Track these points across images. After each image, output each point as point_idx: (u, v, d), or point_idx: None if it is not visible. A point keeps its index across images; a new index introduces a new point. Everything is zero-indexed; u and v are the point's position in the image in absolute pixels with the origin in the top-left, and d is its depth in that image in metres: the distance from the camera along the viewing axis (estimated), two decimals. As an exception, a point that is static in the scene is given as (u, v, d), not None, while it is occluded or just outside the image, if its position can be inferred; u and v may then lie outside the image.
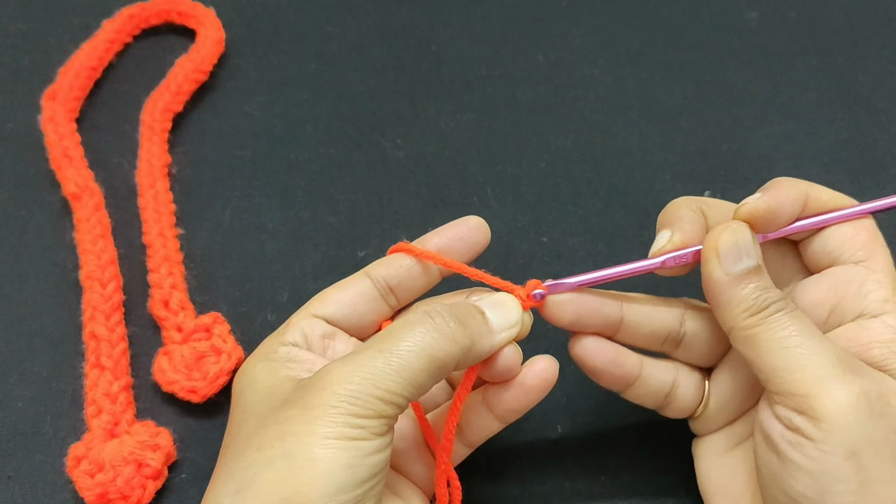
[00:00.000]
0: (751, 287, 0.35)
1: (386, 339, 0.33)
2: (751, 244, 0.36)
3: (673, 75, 0.58)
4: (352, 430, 0.32)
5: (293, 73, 0.58)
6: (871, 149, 0.55)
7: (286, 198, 0.53)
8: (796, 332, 0.34)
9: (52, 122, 0.53)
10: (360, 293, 0.39)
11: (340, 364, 0.33)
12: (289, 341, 0.37)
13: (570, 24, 0.61)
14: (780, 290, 0.36)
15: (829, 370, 0.33)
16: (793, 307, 0.35)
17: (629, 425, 0.45)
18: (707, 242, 0.36)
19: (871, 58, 0.59)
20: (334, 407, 0.32)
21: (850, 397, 0.32)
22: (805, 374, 0.33)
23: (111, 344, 0.45)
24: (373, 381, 0.32)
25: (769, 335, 0.34)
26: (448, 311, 0.35)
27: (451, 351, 0.34)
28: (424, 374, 0.33)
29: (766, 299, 0.35)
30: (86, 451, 0.42)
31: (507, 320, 0.36)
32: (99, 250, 0.48)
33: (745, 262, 0.35)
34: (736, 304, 0.35)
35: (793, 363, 0.33)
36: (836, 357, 0.33)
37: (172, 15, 0.59)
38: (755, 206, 0.36)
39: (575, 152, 0.55)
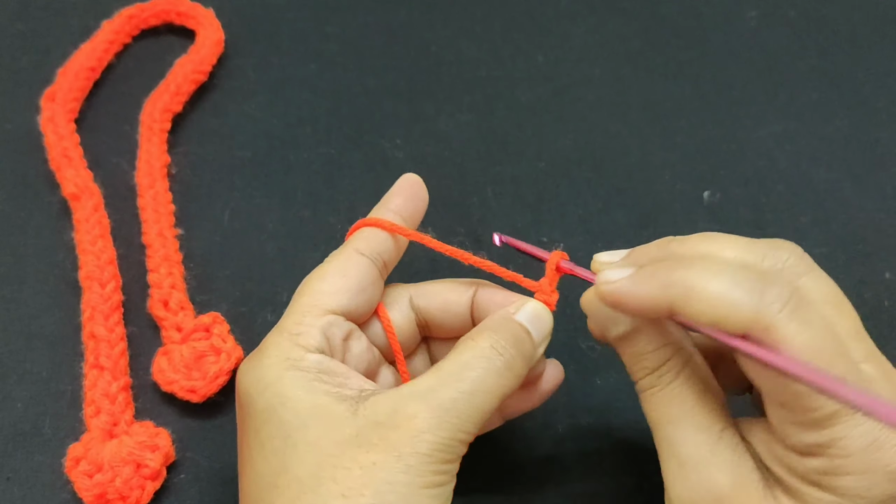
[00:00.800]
0: (626, 355, 0.35)
1: (462, 378, 0.33)
2: (611, 314, 0.34)
3: (672, 75, 0.58)
4: (439, 477, 0.32)
5: (293, 73, 0.58)
6: (871, 148, 0.55)
7: (286, 198, 0.52)
8: (655, 419, 0.34)
9: (51, 123, 0.53)
10: (365, 276, 0.37)
11: (424, 407, 0.32)
12: (313, 346, 0.35)
13: (569, 24, 0.61)
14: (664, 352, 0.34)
15: (674, 469, 0.33)
16: (667, 382, 0.34)
17: (630, 424, 0.44)
18: (581, 301, 0.36)
19: (870, 57, 0.59)
20: (428, 456, 0.31)
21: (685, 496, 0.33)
22: (662, 467, 0.34)
23: (110, 344, 0.45)
24: (459, 426, 0.32)
25: (644, 409, 0.35)
26: (512, 345, 0.35)
27: (514, 385, 0.35)
28: (494, 409, 0.34)
29: (636, 372, 0.34)
30: (84, 452, 0.42)
31: (543, 332, 0.37)
32: (98, 250, 0.48)
33: (611, 330, 0.35)
34: (627, 366, 0.35)
35: (658, 451, 0.34)
36: (687, 456, 0.33)
37: (172, 15, 0.59)
38: (602, 292, 0.33)
39: (574, 152, 0.55)
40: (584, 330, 0.47)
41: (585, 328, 0.47)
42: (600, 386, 0.46)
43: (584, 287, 0.37)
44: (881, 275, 0.50)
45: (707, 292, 0.30)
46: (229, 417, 0.45)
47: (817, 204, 0.52)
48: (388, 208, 0.39)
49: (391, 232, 0.38)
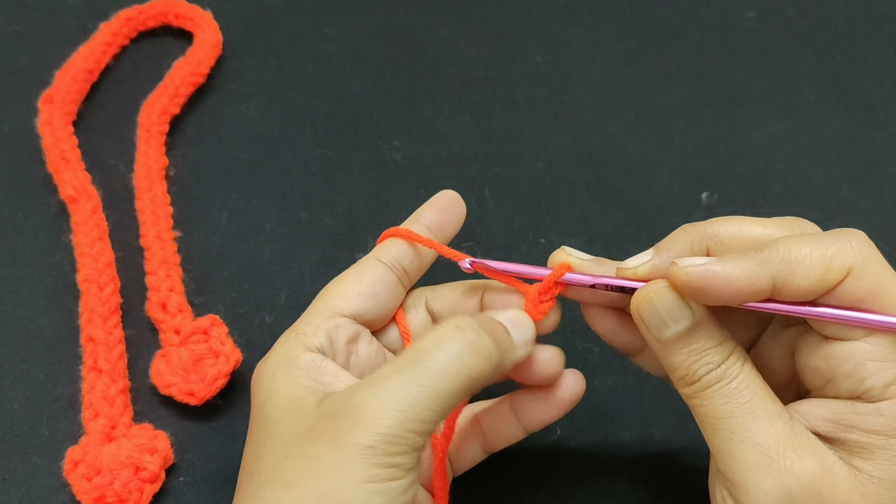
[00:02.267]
0: (682, 354, 0.33)
1: (417, 362, 0.31)
2: (676, 308, 0.33)
3: (670, 75, 0.58)
4: (386, 471, 0.30)
5: (290, 75, 0.58)
6: (868, 148, 0.55)
7: (284, 200, 0.52)
8: (727, 413, 0.32)
9: (48, 125, 0.53)
10: (379, 280, 0.37)
11: (371, 394, 0.31)
12: (314, 346, 0.35)
13: (567, 24, 0.61)
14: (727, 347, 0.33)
15: (755, 461, 0.32)
16: (733, 375, 0.33)
17: (628, 427, 0.44)
18: (631, 305, 0.34)
19: (868, 57, 0.59)
20: (369, 447, 0.30)
21: (767, 496, 0.31)
22: (731, 461, 0.32)
23: (108, 347, 0.45)
24: (408, 414, 0.30)
25: (703, 410, 0.33)
26: (479, 324, 0.33)
27: (484, 369, 0.32)
28: (458, 396, 0.32)
29: (698, 369, 0.33)
30: (83, 455, 0.42)
31: (524, 335, 0.36)
32: (96, 253, 0.48)
33: (671, 327, 0.33)
34: (672, 371, 0.34)
35: (722, 447, 0.32)
36: (768, 446, 0.32)
37: (169, 17, 0.59)
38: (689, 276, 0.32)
39: (573, 153, 0.55)
40: (582, 332, 0.47)
41: (583, 330, 0.47)
42: (598, 388, 0.46)
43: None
44: (879, 275, 0.50)
45: (804, 252, 0.31)
46: (228, 420, 0.45)
47: (815, 204, 0.52)
48: (417, 220, 0.39)
49: (409, 240, 0.39)
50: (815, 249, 0.31)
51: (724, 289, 0.31)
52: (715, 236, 0.34)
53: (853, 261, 0.31)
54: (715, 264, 0.31)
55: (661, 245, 0.35)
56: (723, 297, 0.32)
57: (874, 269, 0.31)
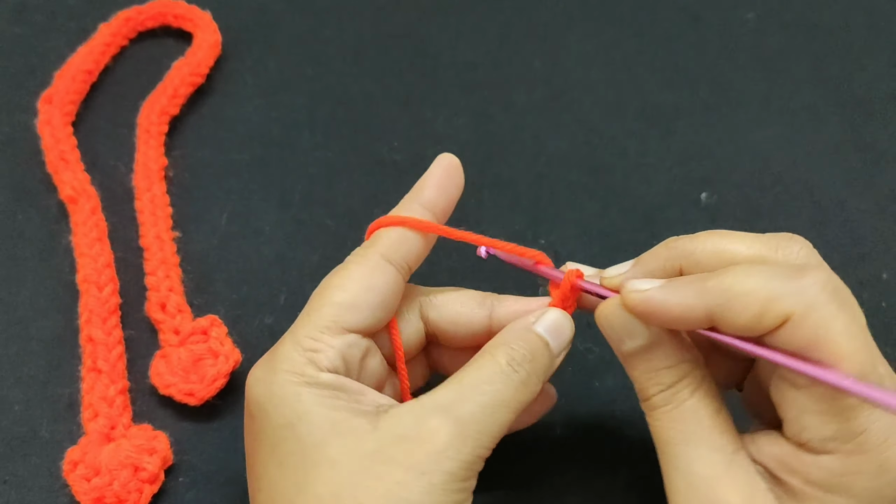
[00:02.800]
0: (638, 370, 0.34)
1: (484, 393, 0.33)
2: (630, 325, 0.33)
3: (669, 78, 0.58)
4: (460, 496, 0.32)
5: (290, 76, 0.58)
6: (866, 150, 0.55)
7: (283, 201, 0.52)
8: (669, 437, 0.33)
9: (48, 126, 0.53)
10: (390, 289, 0.36)
11: (448, 421, 0.32)
12: (327, 367, 0.34)
13: (566, 27, 0.61)
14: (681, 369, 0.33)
15: (684, 490, 0.32)
16: (682, 399, 0.33)
17: (627, 427, 0.45)
18: (595, 315, 0.35)
19: (866, 60, 0.59)
20: (451, 474, 0.31)
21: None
22: (667, 483, 0.33)
23: (108, 347, 0.45)
24: (480, 443, 0.32)
25: (652, 429, 0.34)
26: (528, 361, 0.34)
27: (529, 400, 0.34)
28: (510, 424, 0.33)
29: (650, 388, 0.33)
30: (82, 455, 0.42)
31: (563, 342, 0.36)
32: (95, 253, 0.48)
33: (627, 343, 0.34)
34: (634, 382, 0.34)
35: (662, 467, 0.33)
36: (700, 476, 0.32)
37: (169, 18, 0.59)
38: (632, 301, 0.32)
39: (572, 155, 0.55)
40: (581, 331, 0.47)
41: (582, 330, 0.47)
42: (598, 388, 0.46)
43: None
44: (878, 276, 0.50)
45: (746, 288, 0.30)
46: (227, 421, 0.45)
47: (813, 206, 0.52)
48: (418, 202, 0.37)
49: (417, 230, 0.36)
50: (761, 288, 0.30)
51: (664, 315, 0.32)
52: (692, 255, 0.34)
53: (794, 307, 0.29)
54: (657, 291, 0.32)
55: (640, 259, 0.35)
56: (664, 323, 0.32)
57: (816, 319, 0.29)
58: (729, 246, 0.33)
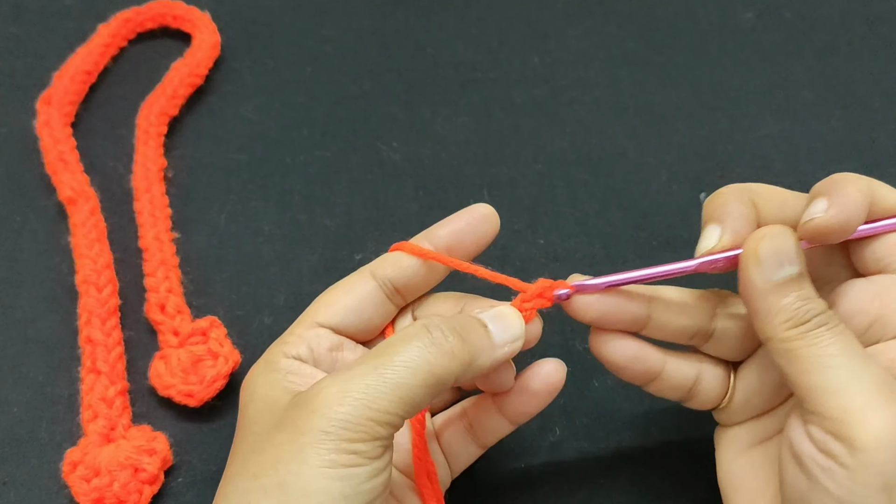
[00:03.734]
0: (792, 297, 0.33)
1: (381, 355, 0.32)
2: (794, 251, 0.33)
3: (668, 76, 0.58)
4: (345, 457, 0.30)
5: (289, 76, 0.58)
6: (867, 148, 0.55)
7: (282, 201, 0.52)
8: (838, 352, 0.32)
9: (47, 127, 0.53)
10: (367, 297, 0.38)
11: (331, 382, 0.31)
12: (292, 354, 0.36)
13: (565, 25, 0.61)
14: (823, 300, 0.34)
15: (871, 397, 0.31)
16: (836, 322, 0.33)
17: (627, 428, 0.44)
18: (747, 246, 0.34)
19: (866, 57, 0.59)
20: (325, 433, 0.30)
21: (889, 428, 0.30)
22: (844, 399, 0.31)
23: (107, 348, 0.45)
24: (366, 402, 0.31)
25: (809, 352, 0.32)
26: (448, 324, 0.33)
27: (449, 367, 0.32)
28: (421, 390, 0.32)
29: (807, 311, 0.33)
30: (82, 456, 0.42)
31: (510, 334, 0.35)
32: (95, 254, 0.48)
33: (786, 269, 0.33)
34: (775, 315, 0.33)
35: (832, 385, 0.32)
36: (880, 382, 0.31)
37: (168, 19, 0.59)
38: (825, 222, 0.34)
39: (571, 154, 0.55)
40: (580, 332, 0.47)
41: (581, 330, 0.47)
42: (597, 388, 0.46)
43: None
44: (878, 275, 0.50)
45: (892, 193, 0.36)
46: (227, 421, 0.45)
47: (813, 205, 0.52)
48: (426, 236, 0.39)
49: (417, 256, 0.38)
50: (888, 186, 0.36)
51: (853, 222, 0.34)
52: (757, 195, 0.36)
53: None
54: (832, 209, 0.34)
55: (717, 216, 0.35)
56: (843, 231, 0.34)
57: None
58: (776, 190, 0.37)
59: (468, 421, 0.39)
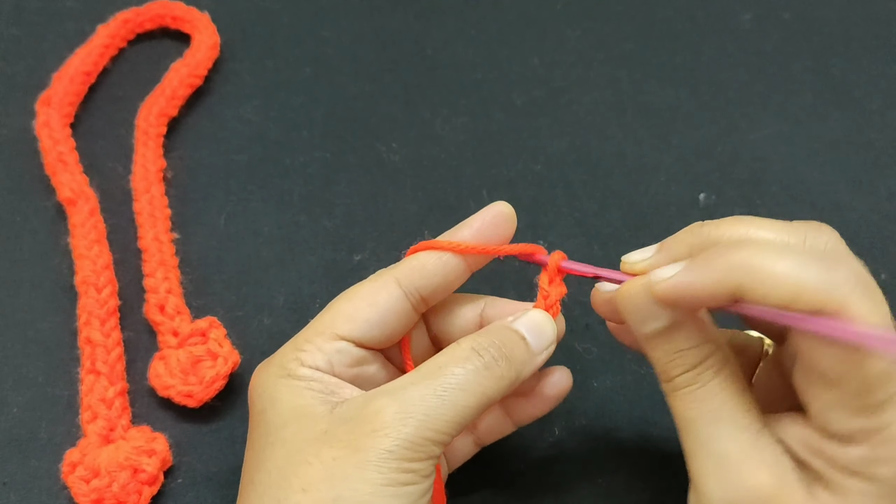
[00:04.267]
0: (660, 351, 0.33)
1: (435, 376, 0.32)
2: (653, 307, 0.32)
3: (667, 77, 0.58)
4: (404, 476, 0.31)
5: (288, 77, 0.58)
6: (865, 149, 0.55)
7: (282, 202, 0.52)
8: (694, 417, 0.32)
9: (46, 128, 0.53)
10: (392, 308, 0.36)
11: (391, 402, 0.32)
12: (309, 364, 0.35)
13: (564, 26, 0.61)
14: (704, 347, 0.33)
15: (712, 468, 0.32)
16: (706, 380, 0.32)
17: (627, 427, 0.45)
18: (616, 296, 0.34)
19: (864, 59, 0.59)
20: (389, 452, 0.31)
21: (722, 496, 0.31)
22: (692, 463, 0.32)
23: (106, 349, 0.45)
24: (427, 424, 0.31)
25: (675, 410, 0.33)
26: (496, 346, 0.34)
27: (499, 388, 0.33)
28: (473, 411, 0.33)
29: (672, 369, 0.33)
30: (81, 457, 0.42)
31: (545, 341, 0.36)
32: (94, 255, 0.48)
33: (650, 324, 0.33)
34: (653, 365, 0.34)
35: (687, 448, 0.33)
36: (726, 455, 0.32)
37: (167, 20, 0.59)
38: (659, 290, 0.32)
39: (570, 155, 0.55)
40: (580, 332, 0.47)
41: (581, 330, 0.47)
42: (596, 388, 0.46)
43: (585, 285, 0.37)
44: (877, 276, 0.49)
45: (776, 272, 0.29)
46: (226, 422, 0.45)
47: (812, 206, 0.52)
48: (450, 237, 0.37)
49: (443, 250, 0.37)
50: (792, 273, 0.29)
51: (693, 298, 0.31)
52: (718, 241, 0.33)
53: (827, 302, 0.28)
54: (683, 274, 0.31)
55: (664, 244, 0.35)
56: (693, 305, 0.32)
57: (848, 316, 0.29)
58: (755, 233, 0.33)
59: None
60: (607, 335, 0.46)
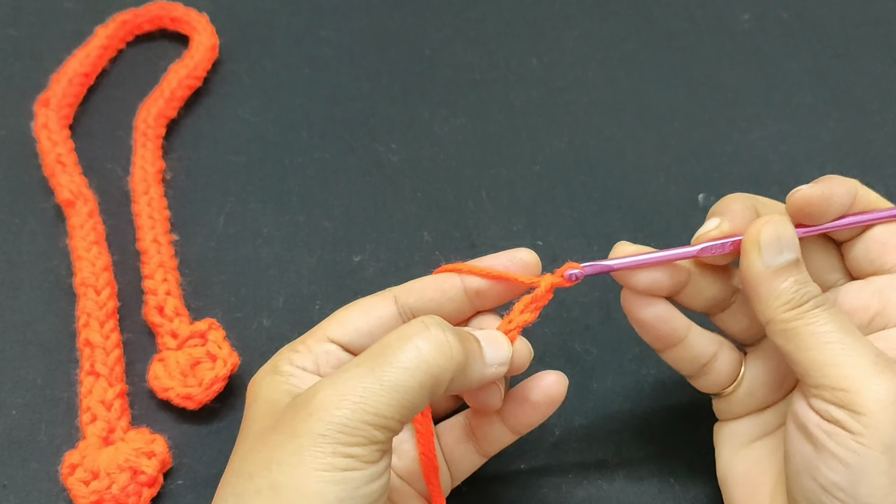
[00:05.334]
0: (790, 280, 0.35)
1: (377, 355, 0.32)
2: (792, 238, 0.35)
3: (666, 77, 0.58)
4: (342, 461, 0.30)
5: (287, 78, 0.58)
6: (864, 149, 0.55)
7: (281, 203, 0.52)
8: (835, 329, 0.34)
9: (45, 129, 0.53)
10: (383, 322, 0.36)
11: (328, 385, 0.31)
12: (298, 363, 0.36)
13: (563, 26, 0.61)
14: (817, 284, 0.36)
15: (869, 366, 0.33)
16: (831, 304, 0.35)
17: (627, 429, 0.45)
18: (748, 233, 0.36)
19: (863, 59, 0.59)
20: (322, 436, 0.30)
21: (890, 393, 0.32)
22: (845, 370, 0.33)
23: (106, 351, 0.45)
24: (363, 406, 0.30)
25: (808, 329, 0.34)
26: (445, 323, 0.33)
27: (446, 366, 0.32)
28: (419, 392, 0.31)
29: (805, 294, 0.35)
30: (81, 459, 0.42)
31: (499, 356, 0.35)
32: (93, 257, 0.48)
33: (785, 255, 0.35)
34: (775, 298, 0.35)
35: (833, 358, 0.33)
36: (876, 354, 0.33)
37: (166, 21, 0.59)
38: (809, 192, 0.36)
39: (569, 155, 0.55)
40: (580, 333, 0.47)
41: (580, 331, 0.47)
42: (595, 389, 0.46)
43: (585, 285, 0.37)
44: (875, 276, 0.50)
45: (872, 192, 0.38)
46: (226, 423, 0.45)
47: (811, 205, 0.52)
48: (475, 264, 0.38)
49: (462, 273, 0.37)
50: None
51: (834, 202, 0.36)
52: (758, 200, 0.38)
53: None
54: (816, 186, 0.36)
55: (720, 212, 0.38)
56: (826, 215, 0.37)
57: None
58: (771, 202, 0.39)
59: (470, 429, 0.39)
60: (607, 336, 0.47)
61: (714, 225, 0.37)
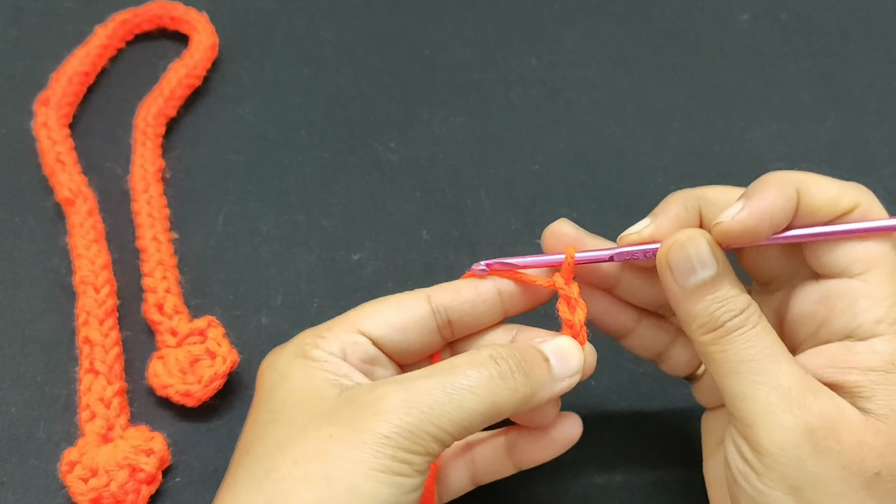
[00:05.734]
0: (706, 301, 0.33)
1: (448, 373, 0.32)
2: (706, 254, 0.33)
3: (665, 77, 0.58)
4: (397, 465, 0.31)
5: (286, 77, 0.58)
6: (862, 149, 0.55)
7: (280, 201, 0.52)
8: (752, 355, 0.32)
9: (44, 128, 0.53)
10: (416, 320, 0.36)
11: (398, 390, 0.32)
12: (327, 350, 0.35)
13: (562, 26, 0.61)
14: (746, 296, 0.34)
15: (778, 400, 0.32)
16: (754, 322, 0.33)
17: (624, 426, 0.45)
18: (659, 252, 0.34)
19: (861, 59, 0.59)
20: (387, 437, 0.30)
21: (790, 433, 0.31)
22: (751, 403, 0.32)
23: (105, 348, 0.45)
24: (430, 416, 0.31)
25: (722, 356, 0.33)
26: (514, 358, 0.33)
27: (510, 400, 0.33)
28: (480, 417, 0.32)
29: (724, 313, 0.33)
30: (79, 456, 0.42)
31: (569, 368, 0.35)
32: (92, 255, 0.48)
33: (700, 274, 0.33)
34: (692, 319, 0.34)
35: (742, 389, 0.32)
36: (788, 387, 0.32)
37: (165, 20, 0.59)
38: (729, 227, 0.33)
39: (568, 154, 0.55)
40: (579, 331, 0.47)
41: (580, 330, 0.47)
42: (594, 387, 0.46)
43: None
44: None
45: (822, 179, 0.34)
46: (225, 421, 0.45)
47: (810, 205, 0.53)
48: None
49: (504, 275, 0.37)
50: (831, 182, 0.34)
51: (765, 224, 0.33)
52: (703, 198, 0.36)
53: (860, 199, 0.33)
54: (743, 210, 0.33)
55: (655, 211, 0.36)
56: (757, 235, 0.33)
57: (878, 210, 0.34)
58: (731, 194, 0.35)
59: (472, 456, 0.39)
60: (605, 334, 0.47)
61: (640, 227, 0.36)
